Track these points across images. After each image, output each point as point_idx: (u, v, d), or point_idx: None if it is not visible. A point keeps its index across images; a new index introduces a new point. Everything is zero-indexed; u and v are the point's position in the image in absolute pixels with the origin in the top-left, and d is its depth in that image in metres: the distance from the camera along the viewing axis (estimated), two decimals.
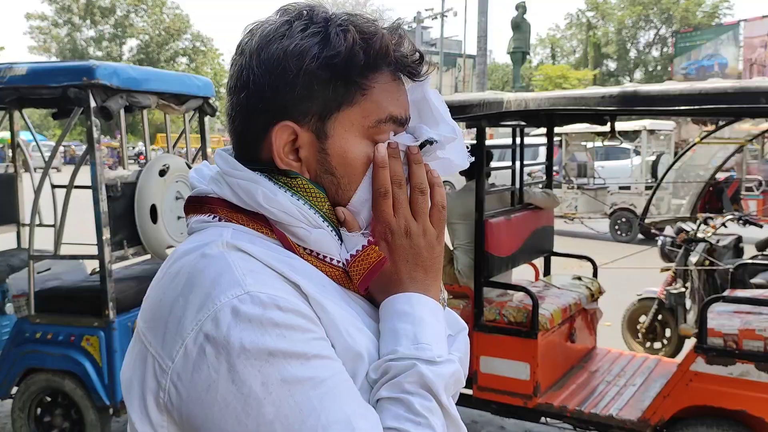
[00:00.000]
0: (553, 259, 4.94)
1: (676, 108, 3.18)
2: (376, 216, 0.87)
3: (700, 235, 5.30)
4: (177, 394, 0.75)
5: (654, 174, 10.90)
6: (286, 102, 0.84)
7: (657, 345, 5.57)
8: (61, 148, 33.29)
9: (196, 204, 0.91)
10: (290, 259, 0.83)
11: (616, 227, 11.49)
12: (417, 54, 0.89)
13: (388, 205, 0.86)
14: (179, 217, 4.18)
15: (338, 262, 0.86)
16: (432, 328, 0.84)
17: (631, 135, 12.67)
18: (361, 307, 0.88)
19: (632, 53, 51.46)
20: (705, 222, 5.52)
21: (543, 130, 5.03)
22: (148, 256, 4.40)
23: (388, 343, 0.83)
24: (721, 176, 11.37)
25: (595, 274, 4.74)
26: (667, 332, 5.52)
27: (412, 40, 0.90)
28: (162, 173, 4.22)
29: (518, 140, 4.70)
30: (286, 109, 0.84)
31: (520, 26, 23.98)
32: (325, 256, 0.86)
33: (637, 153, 13.11)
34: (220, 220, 0.87)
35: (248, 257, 0.80)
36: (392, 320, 0.85)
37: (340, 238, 0.88)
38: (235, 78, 0.87)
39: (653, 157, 12.14)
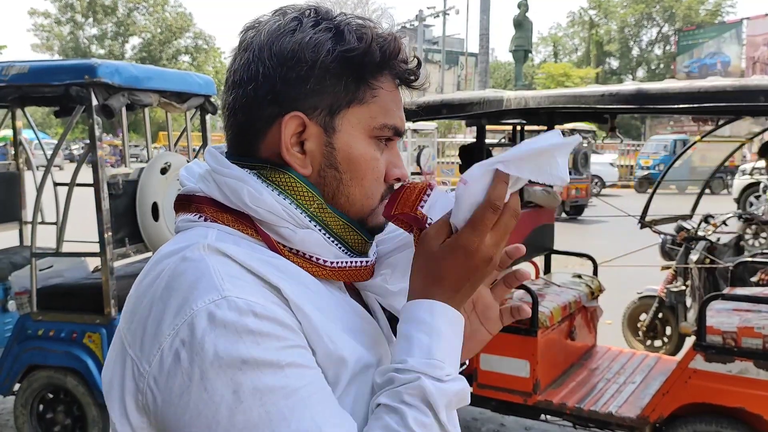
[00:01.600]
0: (553, 256, 4.95)
1: (676, 106, 3.18)
2: (475, 225, 0.81)
3: (700, 233, 5.31)
4: (153, 398, 0.76)
5: (418, 163, 12.33)
6: (297, 94, 0.84)
7: (657, 343, 5.58)
8: (79, 145, 33.34)
9: (184, 202, 0.91)
10: (274, 260, 0.83)
11: None
12: (415, 60, 0.91)
13: (492, 221, 0.81)
14: None
15: (325, 261, 0.86)
16: (448, 343, 0.82)
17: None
18: (350, 306, 0.88)
19: (635, 51, 51.39)
20: (705, 220, 5.52)
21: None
22: (150, 254, 4.42)
23: (401, 351, 0.82)
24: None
25: (595, 272, 4.75)
26: (668, 330, 5.53)
27: (409, 48, 0.91)
28: (163, 171, 4.24)
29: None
30: (296, 102, 0.85)
31: (522, 24, 23.93)
32: (311, 256, 0.85)
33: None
34: (205, 220, 0.87)
35: (229, 261, 0.79)
36: (409, 326, 0.83)
37: (333, 237, 0.87)
38: (241, 72, 0.86)
39: (417, 150, 14.72)
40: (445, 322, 0.82)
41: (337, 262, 0.87)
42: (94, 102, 3.48)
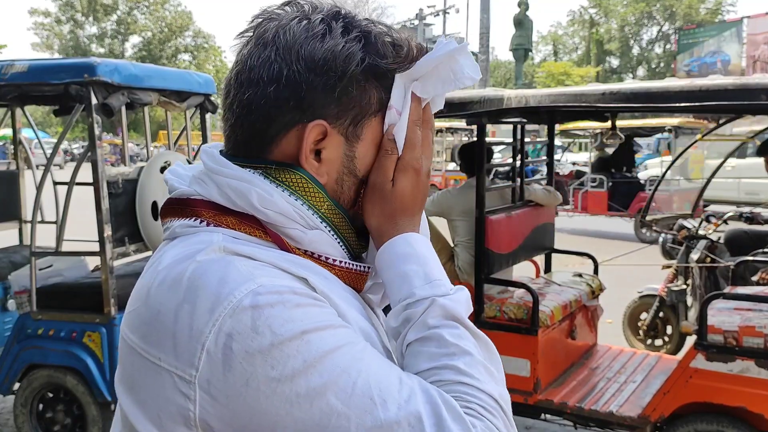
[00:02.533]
0: (553, 255, 4.94)
1: (677, 105, 3.17)
2: (412, 142, 0.87)
3: (701, 232, 5.30)
4: (212, 400, 0.71)
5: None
6: (322, 103, 0.82)
7: (658, 342, 5.57)
8: (79, 144, 33.38)
9: (177, 207, 0.86)
10: (290, 257, 0.81)
11: None
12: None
13: (420, 138, 0.88)
14: None
15: (334, 260, 0.85)
16: (435, 263, 0.86)
17: None
18: (359, 300, 0.88)
19: (635, 50, 51.40)
20: (707, 219, 5.51)
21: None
22: (150, 253, 4.41)
23: (402, 288, 0.83)
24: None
25: (596, 271, 4.74)
26: (669, 329, 5.52)
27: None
28: (163, 170, 4.23)
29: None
30: (320, 110, 0.82)
31: (522, 23, 23.96)
32: (320, 255, 0.84)
33: None
34: (207, 224, 0.82)
35: (249, 259, 0.77)
36: (397, 264, 0.85)
37: (340, 239, 0.86)
38: (260, 70, 0.81)
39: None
40: (422, 247, 0.86)
41: (345, 263, 0.87)
42: (94, 101, 3.47)
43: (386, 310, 1.00)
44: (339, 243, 0.86)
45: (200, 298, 0.73)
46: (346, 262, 0.87)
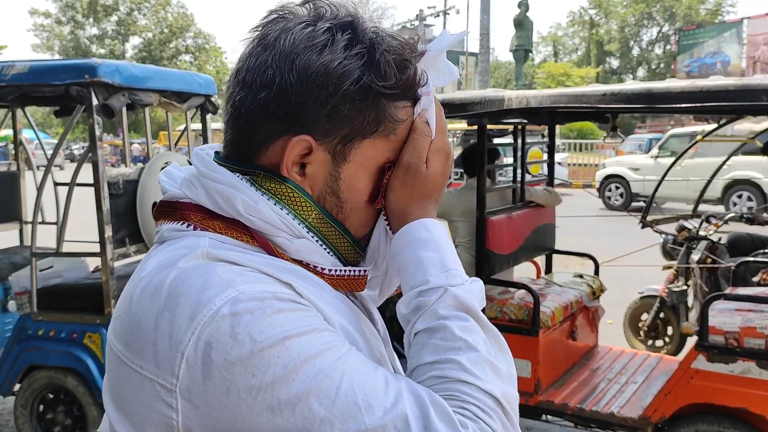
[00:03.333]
0: (554, 256, 4.94)
1: (678, 105, 3.17)
2: (442, 127, 0.88)
3: (702, 233, 5.29)
4: (194, 408, 0.70)
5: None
6: (311, 117, 0.79)
7: (659, 343, 5.56)
8: (80, 145, 33.42)
9: (168, 210, 0.85)
10: (277, 262, 0.80)
11: None
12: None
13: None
14: None
15: (323, 269, 0.83)
16: (451, 252, 0.85)
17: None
18: (350, 308, 0.86)
19: (635, 51, 51.44)
20: (707, 220, 5.51)
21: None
22: None
23: (416, 274, 0.82)
24: None
25: (596, 272, 4.74)
26: (669, 330, 5.51)
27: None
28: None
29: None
30: (308, 124, 0.79)
31: (522, 24, 23.94)
32: (308, 264, 0.83)
33: None
34: (194, 228, 0.81)
35: (233, 264, 0.76)
36: (413, 249, 0.84)
37: (329, 248, 0.84)
38: (254, 74, 0.80)
39: None
40: (440, 235, 0.85)
41: (335, 270, 0.85)
42: (95, 102, 3.47)
43: (380, 308, 0.99)
44: (328, 252, 0.84)
45: (180, 305, 0.72)
46: (337, 270, 0.85)
